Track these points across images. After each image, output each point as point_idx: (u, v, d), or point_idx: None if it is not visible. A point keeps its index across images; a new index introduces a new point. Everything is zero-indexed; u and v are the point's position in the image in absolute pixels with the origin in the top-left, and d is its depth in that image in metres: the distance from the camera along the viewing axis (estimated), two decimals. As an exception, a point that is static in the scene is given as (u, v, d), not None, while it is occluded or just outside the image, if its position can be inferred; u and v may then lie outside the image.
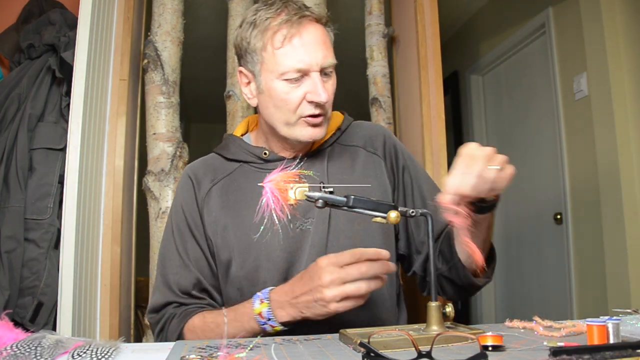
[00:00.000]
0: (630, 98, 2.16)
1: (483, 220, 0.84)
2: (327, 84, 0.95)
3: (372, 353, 0.53)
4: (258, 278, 0.97)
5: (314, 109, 0.94)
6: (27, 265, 1.62)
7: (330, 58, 0.95)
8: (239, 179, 1.04)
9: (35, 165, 1.69)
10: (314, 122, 0.96)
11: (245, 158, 1.05)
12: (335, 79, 0.98)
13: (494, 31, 3.20)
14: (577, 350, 0.49)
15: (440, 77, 1.93)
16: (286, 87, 0.93)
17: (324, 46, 0.94)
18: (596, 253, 2.26)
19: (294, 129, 0.96)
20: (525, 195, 2.95)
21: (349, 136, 1.09)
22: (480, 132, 3.46)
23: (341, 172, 1.03)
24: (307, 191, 0.68)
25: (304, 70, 0.92)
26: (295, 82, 0.93)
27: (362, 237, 0.99)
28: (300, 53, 0.92)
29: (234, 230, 0.99)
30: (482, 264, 0.81)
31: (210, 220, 1.01)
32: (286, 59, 0.92)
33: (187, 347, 0.68)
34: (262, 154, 1.03)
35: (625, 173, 2.12)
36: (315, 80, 0.92)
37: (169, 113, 1.80)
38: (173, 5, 1.85)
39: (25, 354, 0.57)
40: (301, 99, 0.93)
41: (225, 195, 1.03)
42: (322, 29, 0.97)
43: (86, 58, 1.54)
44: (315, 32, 0.94)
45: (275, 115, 0.97)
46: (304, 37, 0.92)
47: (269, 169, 1.01)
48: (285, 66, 0.92)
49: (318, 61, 0.92)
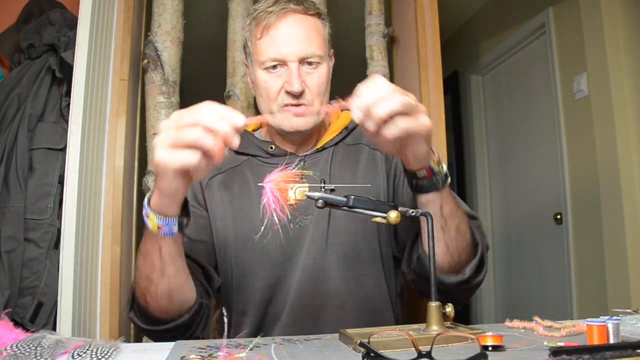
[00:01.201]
0: (630, 98, 2.16)
1: (430, 203, 0.78)
2: (311, 75, 0.96)
3: (372, 353, 0.53)
4: (248, 269, 0.98)
5: (291, 99, 0.95)
6: (27, 265, 1.62)
7: (313, 49, 0.95)
8: (245, 171, 1.05)
9: (35, 165, 1.69)
10: (294, 112, 0.96)
11: (253, 152, 1.06)
12: (324, 71, 0.98)
13: (494, 31, 3.20)
14: (577, 350, 0.49)
15: (440, 77, 1.93)
16: (266, 76, 0.96)
17: (305, 37, 0.95)
18: (596, 253, 2.26)
19: (277, 118, 0.98)
20: (525, 195, 2.95)
21: (357, 135, 1.09)
22: (480, 132, 3.46)
23: (343, 171, 1.03)
24: (307, 191, 0.68)
25: (280, 59, 0.94)
26: (274, 71, 0.95)
27: (362, 234, 0.99)
28: (277, 43, 0.94)
29: (233, 219, 1.00)
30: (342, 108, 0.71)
31: (211, 204, 1.03)
32: (265, 48, 0.95)
33: (187, 347, 0.68)
34: (268, 148, 1.05)
35: (625, 173, 2.12)
36: (291, 70, 0.94)
37: (169, 113, 1.80)
38: (173, 5, 1.85)
39: (25, 354, 0.57)
40: (280, 88, 0.95)
41: (229, 184, 1.04)
42: (309, 20, 0.97)
43: (86, 58, 1.54)
44: (296, 23, 0.95)
45: (261, 105, 1.01)
46: (282, 27, 0.94)
47: (274, 163, 1.03)
48: (264, 55, 0.95)
49: (295, 51, 0.94)
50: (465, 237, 0.84)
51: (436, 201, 0.78)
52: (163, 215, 0.73)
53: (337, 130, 1.07)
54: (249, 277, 0.99)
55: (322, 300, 0.97)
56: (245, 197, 1.02)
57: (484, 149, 3.43)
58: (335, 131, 1.07)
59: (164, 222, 0.73)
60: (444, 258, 0.83)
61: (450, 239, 0.81)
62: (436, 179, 0.76)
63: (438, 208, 0.78)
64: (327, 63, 1.00)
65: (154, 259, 0.77)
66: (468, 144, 3.55)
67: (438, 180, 0.76)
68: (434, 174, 0.75)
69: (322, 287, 0.97)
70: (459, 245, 0.83)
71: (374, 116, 0.65)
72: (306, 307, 0.96)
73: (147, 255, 0.79)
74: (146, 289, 0.81)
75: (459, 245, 0.83)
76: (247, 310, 1.00)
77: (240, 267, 1.00)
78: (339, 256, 0.98)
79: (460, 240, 0.83)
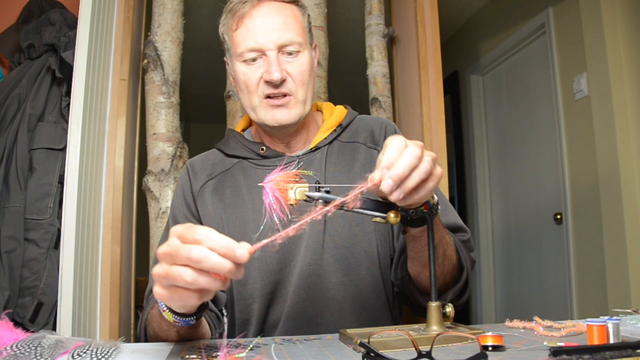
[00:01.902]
0: (630, 98, 2.16)
1: (421, 234, 0.76)
2: (292, 63, 0.94)
3: (372, 353, 0.53)
4: (247, 278, 0.96)
5: (271, 89, 0.93)
6: (27, 265, 1.62)
7: (291, 36, 0.93)
8: (236, 175, 1.03)
9: (35, 165, 1.69)
10: (274, 104, 0.94)
11: (244, 154, 1.04)
12: (306, 59, 0.95)
13: (494, 31, 3.20)
14: (577, 350, 0.49)
15: (440, 77, 1.93)
16: (245, 68, 0.94)
17: (283, 25, 0.93)
18: (596, 253, 2.26)
19: (259, 112, 0.96)
20: (525, 195, 2.95)
21: (352, 132, 1.06)
22: (480, 132, 3.46)
23: (339, 170, 1.01)
24: (307, 191, 0.68)
25: (257, 49, 0.92)
26: (253, 62, 0.93)
27: (358, 238, 0.97)
28: (253, 32, 0.92)
29: (226, 227, 0.98)
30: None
31: (204, 212, 1.01)
32: (242, 39, 0.93)
33: (187, 347, 0.68)
34: (259, 149, 1.02)
35: (625, 173, 2.12)
36: (270, 59, 0.92)
37: (169, 113, 1.80)
38: (173, 5, 1.85)
39: (25, 354, 0.57)
40: (259, 79, 0.93)
41: (221, 190, 1.02)
42: (286, 8, 0.95)
43: (86, 58, 1.54)
44: (271, 10, 0.93)
45: (243, 101, 0.98)
46: (257, 16, 0.92)
47: (266, 165, 1.01)
48: (241, 46, 0.93)
49: (272, 39, 0.91)
50: (452, 262, 0.85)
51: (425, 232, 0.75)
52: (179, 315, 0.67)
53: (331, 129, 1.04)
54: (249, 285, 0.97)
55: (320, 306, 0.95)
56: (238, 203, 0.99)
57: (484, 149, 3.43)
58: (329, 129, 1.04)
59: (182, 320, 0.67)
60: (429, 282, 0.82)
61: (438, 265, 0.80)
62: (431, 212, 0.73)
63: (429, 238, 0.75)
64: (308, 51, 0.97)
65: (171, 335, 0.73)
66: (468, 144, 3.55)
67: (432, 213, 0.73)
68: (430, 207, 0.72)
69: (320, 293, 0.95)
70: (445, 270, 0.84)
71: (407, 187, 0.62)
72: (304, 313, 0.95)
73: (160, 326, 0.74)
74: (151, 333, 0.80)
75: (445, 270, 0.84)
76: (249, 319, 0.98)
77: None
78: (336, 260, 0.95)
79: (447, 266, 0.84)
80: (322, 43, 1.91)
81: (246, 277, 0.97)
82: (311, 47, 1.00)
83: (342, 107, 1.10)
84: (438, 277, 0.82)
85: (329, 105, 1.12)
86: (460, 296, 0.88)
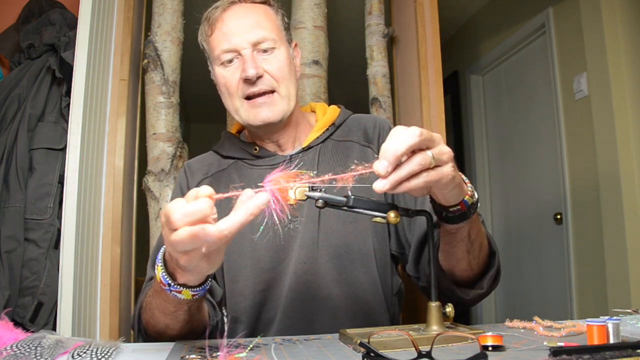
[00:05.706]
0: (630, 98, 2.16)
1: (457, 231, 0.76)
2: (268, 60, 0.95)
3: (372, 353, 0.53)
4: (239, 275, 0.96)
5: (250, 87, 0.94)
6: (27, 265, 1.62)
7: (264, 33, 0.94)
8: (232, 174, 1.04)
9: (35, 165, 1.69)
10: (255, 103, 0.95)
11: (239, 155, 1.05)
12: (283, 55, 0.97)
13: (494, 31, 3.20)
14: (577, 350, 0.49)
15: (440, 77, 1.93)
16: (223, 71, 0.96)
17: (255, 23, 0.95)
18: (596, 253, 2.26)
19: (242, 113, 0.97)
20: (525, 195, 2.95)
21: (345, 131, 1.06)
22: (480, 132, 3.46)
23: (332, 170, 0.99)
24: (307, 191, 0.68)
25: (232, 49, 0.94)
26: (229, 63, 0.95)
27: (353, 236, 0.97)
28: (227, 35, 0.94)
29: None
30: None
31: None
32: (217, 43, 0.95)
33: (187, 347, 0.68)
34: (252, 150, 1.04)
35: (625, 173, 2.12)
36: (244, 57, 0.93)
37: (169, 113, 1.80)
38: (173, 5, 1.85)
39: (25, 354, 0.57)
40: (238, 80, 0.95)
41: (217, 189, 1.00)
42: (257, 8, 0.97)
43: (86, 58, 1.54)
44: (242, 11, 0.95)
45: (226, 105, 0.99)
46: (229, 19, 0.95)
47: (260, 165, 1.02)
48: (217, 49, 0.95)
49: (245, 38, 0.93)
50: (486, 251, 0.84)
51: (465, 228, 0.76)
52: (196, 287, 0.69)
53: (323, 128, 1.05)
54: (239, 282, 0.97)
55: (315, 305, 0.94)
56: (232, 201, 1.00)
57: (484, 149, 3.44)
58: (322, 128, 1.05)
59: (199, 291, 0.69)
60: (466, 274, 0.82)
61: (474, 258, 0.81)
62: (469, 211, 0.72)
63: (466, 233, 0.77)
64: (285, 47, 0.98)
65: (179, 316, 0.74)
66: (468, 144, 3.55)
67: (470, 212, 0.72)
68: (467, 207, 0.71)
69: (314, 291, 0.95)
70: (481, 261, 0.84)
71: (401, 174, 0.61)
72: (299, 312, 0.94)
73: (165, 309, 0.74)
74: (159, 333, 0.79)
75: (480, 260, 0.83)
76: (239, 317, 0.97)
77: (230, 273, 0.98)
78: (331, 258, 0.95)
79: (482, 257, 0.83)
80: (322, 43, 1.91)
81: (237, 274, 0.97)
82: (289, 45, 1.02)
83: (335, 106, 1.11)
84: (473, 269, 0.83)
85: (322, 105, 1.13)
86: (495, 280, 0.88)
